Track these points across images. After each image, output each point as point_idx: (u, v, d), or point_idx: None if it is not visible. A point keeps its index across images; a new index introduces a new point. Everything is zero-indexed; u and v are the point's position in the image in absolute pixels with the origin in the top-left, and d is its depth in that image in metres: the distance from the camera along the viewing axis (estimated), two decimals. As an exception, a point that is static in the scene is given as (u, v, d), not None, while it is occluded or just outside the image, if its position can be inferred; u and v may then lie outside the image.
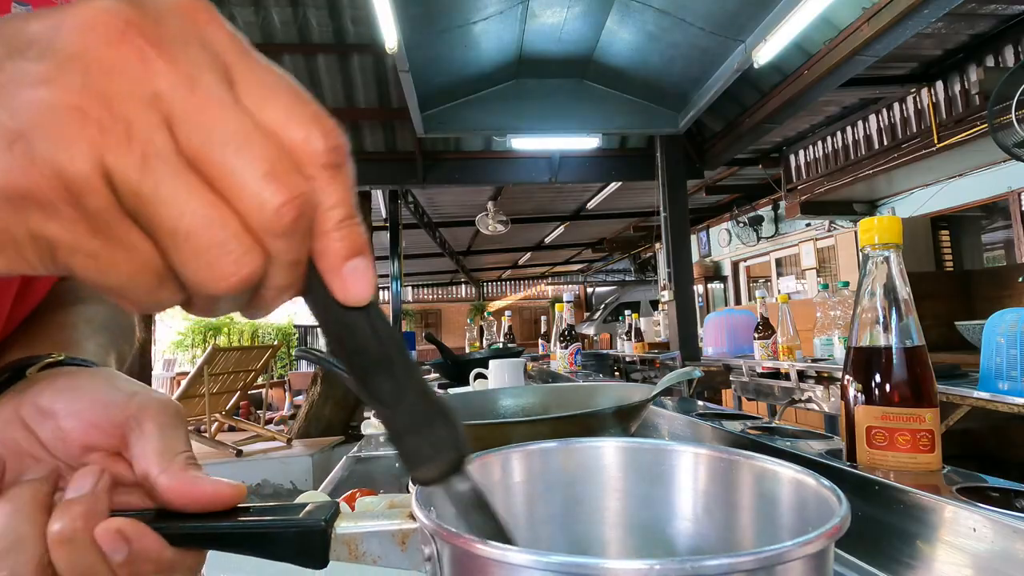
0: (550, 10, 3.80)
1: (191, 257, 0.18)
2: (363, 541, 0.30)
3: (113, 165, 0.17)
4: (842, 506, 0.27)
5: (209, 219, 0.17)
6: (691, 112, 4.53)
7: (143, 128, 0.17)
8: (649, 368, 4.32)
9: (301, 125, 0.19)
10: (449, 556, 0.26)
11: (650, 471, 0.38)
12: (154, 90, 0.17)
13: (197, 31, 0.18)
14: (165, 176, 0.17)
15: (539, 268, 15.03)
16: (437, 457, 0.24)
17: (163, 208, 0.17)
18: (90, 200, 0.17)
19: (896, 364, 0.55)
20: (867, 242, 0.58)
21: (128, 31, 0.17)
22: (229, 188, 0.18)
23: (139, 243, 0.18)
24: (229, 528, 0.28)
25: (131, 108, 0.17)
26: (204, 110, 0.17)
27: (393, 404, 0.23)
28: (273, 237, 0.18)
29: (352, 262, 0.20)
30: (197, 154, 0.17)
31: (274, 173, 0.18)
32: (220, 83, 0.18)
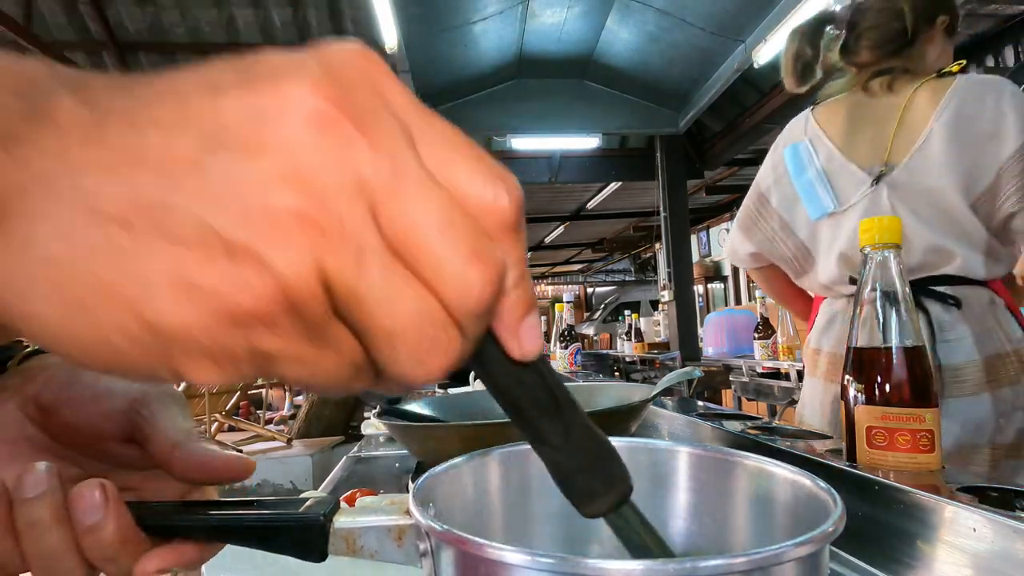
0: (550, 10, 3.81)
1: (400, 355, 0.17)
2: (361, 536, 0.31)
3: (332, 269, 0.15)
4: (837, 508, 0.27)
5: (420, 315, 0.16)
6: (691, 112, 4.53)
7: (355, 223, 0.16)
8: (649, 368, 4.32)
9: (487, 185, 0.18)
10: (444, 553, 0.26)
11: (647, 471, 0.38)
12: (360, 177, 0.16)
13: (380, 93, 0.17)
14: (379, 274, 0.16)
15: (539, 268, 15.04)
16: (608, 493, 0.24)
17: (376, 308, 0.16)
18: (309, 309, 0.16)
19: (896, 364, 0.55)
20: (867, 242, 0.58)
21: (335, 114, 0.16)
22: (435, 275, 0.16)
23: (346, 342, 0.17)
24: (230, 520, 0.29)
25: (343, 201, 0.15)
26: (405, 192, 0.16)
27: (562, 447, 0.23)
28: (473, 319, 0.17)
29: (528, 319, 0.19)
30: (402, 242, 0.16)
31: (476, 253, 0.17)
32: (413, 156, 0.17)
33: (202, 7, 3.79)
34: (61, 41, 3.98)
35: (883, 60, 1.12)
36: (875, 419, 0.55)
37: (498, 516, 0.37)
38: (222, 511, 0.29)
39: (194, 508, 0.30)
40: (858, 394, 0.57)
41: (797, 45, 1.19)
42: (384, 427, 0.83)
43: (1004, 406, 0.99)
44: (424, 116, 0.18)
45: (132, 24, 3.87)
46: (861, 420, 0.56)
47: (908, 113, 1.08)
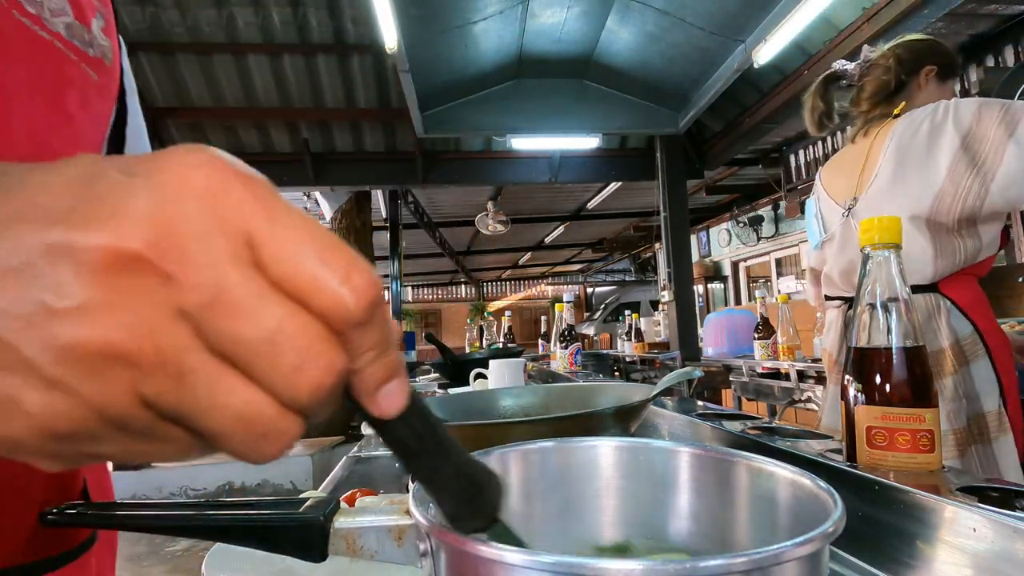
0: (550, 10, 3.80)
1: (236, 447, 0.19)
2: (361, 536, 0.31)
3: (150, 392, 0.17)
4: (837, 508, 0.27)
5: (250, 417, 0.18)
6: (691, 112, 4.53)
7: (173, 349, 0.17)
8: (649, 368, 4.32)
9: (334, 286, 0.19)
10: (444, 553, 0.26)
11: (648, 471, 0.38)
12: (178, 307, 0.17)
13: (215, 207, 0.18)
14: (203, 388, 0.17)
15: (539, 268, 15.04)
16: (475, 520, 0.27)
17: (203, 417, 0.18)
18: (133, 424, 0.18)
19: (896, 364, 0.55)
20: (867, 242, 0.58)
21: (147, 255, 0.17)
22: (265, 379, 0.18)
23: (182, 436, 0.19)
24: (231, 520, 0.29)
25: (159, 333, 0.17)
26: (230, 311, 0.17)
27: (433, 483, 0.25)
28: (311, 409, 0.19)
29: (387, 387, 0.21)
30: (230, 353, 0.18)
31: (306, 364, 0.18)
32: (243, 272, 0.18)
33: (202, 7, 3.79)
34: (61, 41, 3.96)
35: (876, 108, 1.37)
36: (875, 419, 0.55)
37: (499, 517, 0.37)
38: (222, 511, 0.29)
39: (195, 508, 0.30)
40: (858, 394, 0.57)
41: (812, 101, 1.46)
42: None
43: (948, 392, 1.16)
44: (270, 217, 0.18)
45: (132, 24, 3.87)
46: (861, 420, 0.56)
47: (871, 152, 1.34)
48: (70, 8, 0.40)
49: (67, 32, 0.40)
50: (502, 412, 0.84)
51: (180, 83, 4.40)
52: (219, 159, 0.19)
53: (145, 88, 4.46)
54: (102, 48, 0.43)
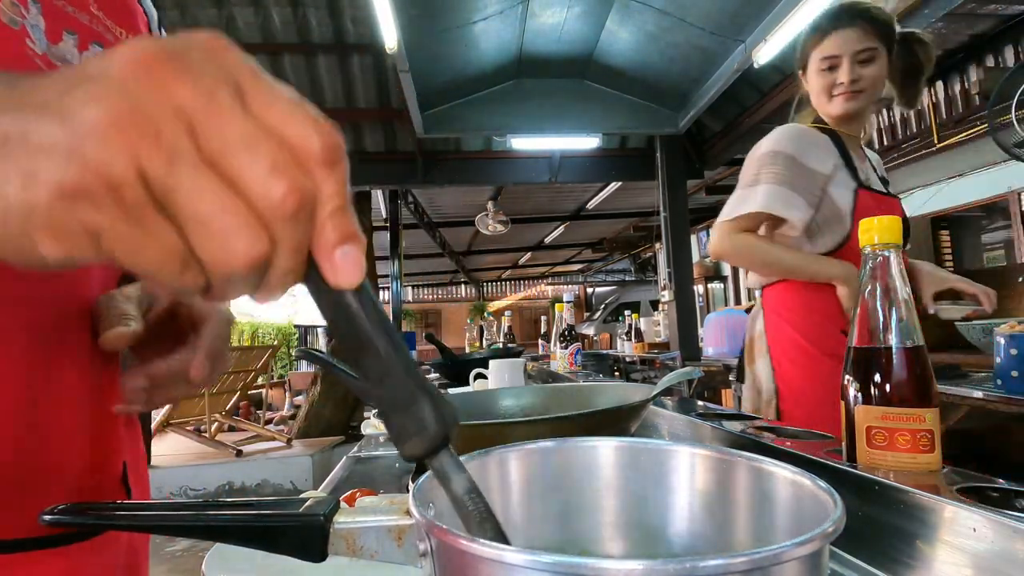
0: (550, 10, 3.80)
1: (208, 239, 0.21)
2: (361, 536, 0.31)
3: (146, 166, 0.20)
4: (837, 508, 0.27)
5: (224, 207, 0.21)
6: (691, 112, 4.53)
7: (170, 134, 0.20)
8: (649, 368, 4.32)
9: (301, 127, 0.22)
10: (444, 553, 0.26)
11: (647, 471, 0.38)
12: (177, 104, 0.21)
13: (215, 59, 0.22)
14: (187, 173, 0.20)
15: (539, 268, 15.04)
16: (421, 433, 0.25)
17: (186, 199, 0.21)
18: (127, 194, 0.20)
19: (896, 364, 0.55)
20: (867, 242, 0.58)
21: (159, 62, 0.21)
22: (241, 182, 0.21)
23: (166, 230, 0.21)
24: (231, 520, 0.29)
25: (160, 120, 0.20)
26: (219, 118, 0.21)
27: (378, 383, 0.24)
28: (278, 223, 0.21)
29: (342, 248, 0.23)
30: (214, 155, 0.21)
31: (277, 168, 0.21)
32: (233, 97, 0.21)
33: (202, 7, 3.79)
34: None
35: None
36: (875, 419, 0.55)
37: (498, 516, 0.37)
38: (222, 511, 0.29)
39: (195, 508, 0.30)
40: (858, 394, 0.57)
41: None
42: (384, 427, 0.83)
43: (748, 380, 1.39)
44: (256, 77, 0.23)
45: (132, 24, 3.87)
46: (861, 420, 0.56)
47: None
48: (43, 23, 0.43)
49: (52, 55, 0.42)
50: (502, 412, 0.84)
51: (180, 83, 4.40)
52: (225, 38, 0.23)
53: (145, 88, 4.45)
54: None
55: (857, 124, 1.33)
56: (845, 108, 1.27)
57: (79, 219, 0.21)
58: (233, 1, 3.77)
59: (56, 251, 0.21)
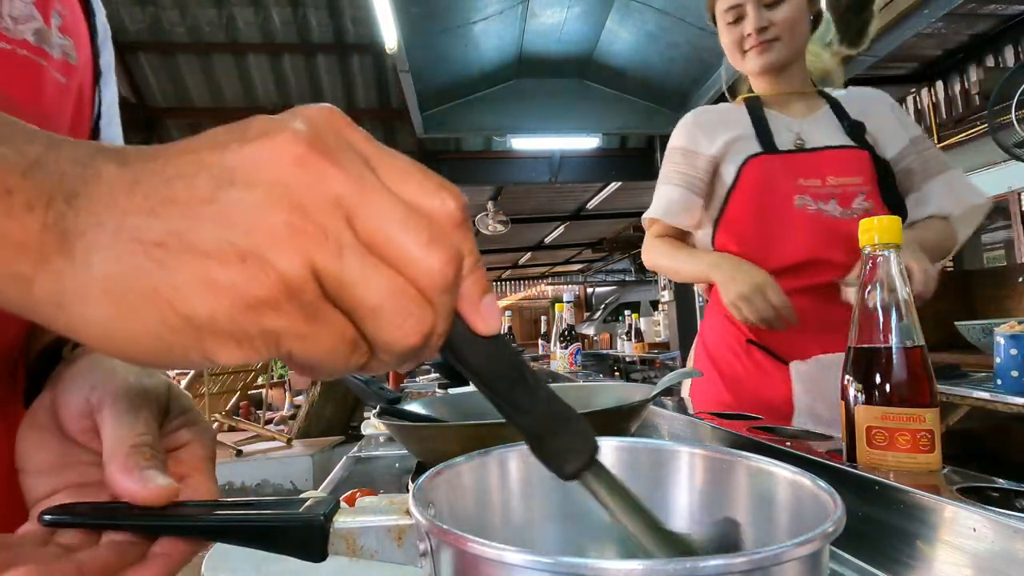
0: (550, 10, 3.80)
1: (382, 324, 0.21)
2: (361, 536, 0.31)
3: (319, 264, 0.20)
4: (837, 508, 0.27)
5: (393, 291, 0.21)
6: (691, 112, 4.53)
7: (334, 228, 0.21)
8: (649, 368, 4.33)
9: (435, 195, 0.23)
10: (444, 553, 0.26)
11: (647, 471, 0.38)
12: (335, 194, 0.21)
13: (344, 137, 0.23)
14: (356, 264, 0.21)
15: (539, 268, 15.04)
16: (577, 453, 0.26)
17: (358, 290, 0.21)
18: (305, 295, 0.21)
19: (896, 364, 0.55)
20: (867, 242, 0.58)
21: (309, 153, 0.21)
22: (402, 261, 0.21)
23: (338, 321, 0.21)
24: (230, 520, 0.29)
25: (323, 214, 0.21)
26: (372, 202, 0.21)
27: (533, 412, 0.26)
28: (439, 293, 0.22)
29: (486, 299, 0.24)
30: (373, 239, 0.21)
31: (433, 240, 0.22)
32: (375, 177, 0.22)
33: (202, 7, 3.79)
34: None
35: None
36: (875, 419, 0.55)
37: (498, 516, 0.37)
38: (222, 511, 0.29)
39: (194, 508, 0.30)
40: (858, 394, 0.57)
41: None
42: (384, 427, 0.83)
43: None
44: (380, 150, 0.23)
45: (132, 24, 3.87)
46: (861, 420, 0.56)
47: None
48: (38, 12, 0.40)
49: (36, 38, 0.39)
50: (502, 412, 0.84)
51: (180, 83, 4.40)
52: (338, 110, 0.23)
53: (145, 88, 4.46)
54: (63, 47, 0.42)
55: (788, 78, 1.16)
56: (761, 63, 1.12)
57: (260, 326, 0.21)
58: (233, 1, 3.76)
59: (236, 357, 0.21)
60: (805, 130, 1.15)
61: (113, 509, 0.30)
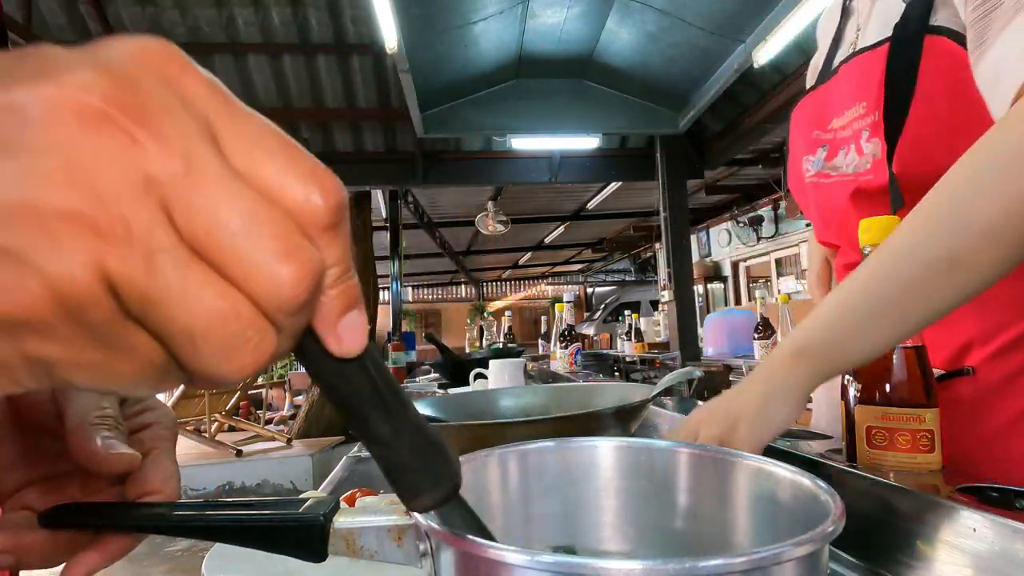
0: (550, 10, 3.80)
1: (206, 354, 0.16)
2: (361, 536, 0.31)
3: (116, 271, 0.15)
4: (836, 508, 0.27)
5: (225, 313, 0.16)
6: (691, 112, 4.53)
7: (142, 222, 0.15)
8: (649, 368, 4.32)
9: (300, 184, 0.17)
10: (444, 553, 0.26)
11: (648, 471, 0.38)
12: (146, 175, 0.15)
13: (175, 88, 0.16)
14: (174, 273, 0.15)
15: (539, 268, 15.04)
16: (434, 490, 0.24)
17: (175, 308, 0.15)
18: (91, 313, 0.15)
19: (896, 364, 0.55)
20: (867, 242, 0.58)
21: (108, 110, 0.15)
22: (241, 273, 0.16)
23: (144, 345, 0.16)
24: (230, 520, 0.29)
25: (126, 201, 0.15)
26: (203, 189, 0.15)
27: (390, 443, 0.23)
28: (289, 315, 0.17)
29: (346, 318, 0.19)
30: (202, 241, 0.15)
31: (286, 249, 0.16)
32: (212, 151, 0.16)
33: (202, 7, 3.79)
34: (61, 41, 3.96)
35: None
36: (875, 419, 0.55)
37: (498, 516, 0.37)
38: (222, 511, 0.29)
39: (194, 508, 0.30)
40: (858, 394, 0.57)
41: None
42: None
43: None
44: (230, 111, 0.17)
45: (132, 24, 3.87)
46: (861, 420, 0.56)
47: None
48: None
49: None
50: (502, 412, 0.84)
51: (180, 83, 4.40)
52: (173, 45, 0.17)
53: (145, 88, 4.45)
54: None
55: None
56: None
57: (21, 353, 0.15)
58: (233, 1, 3.76)
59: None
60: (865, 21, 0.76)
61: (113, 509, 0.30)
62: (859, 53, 0.72)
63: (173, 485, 0.32)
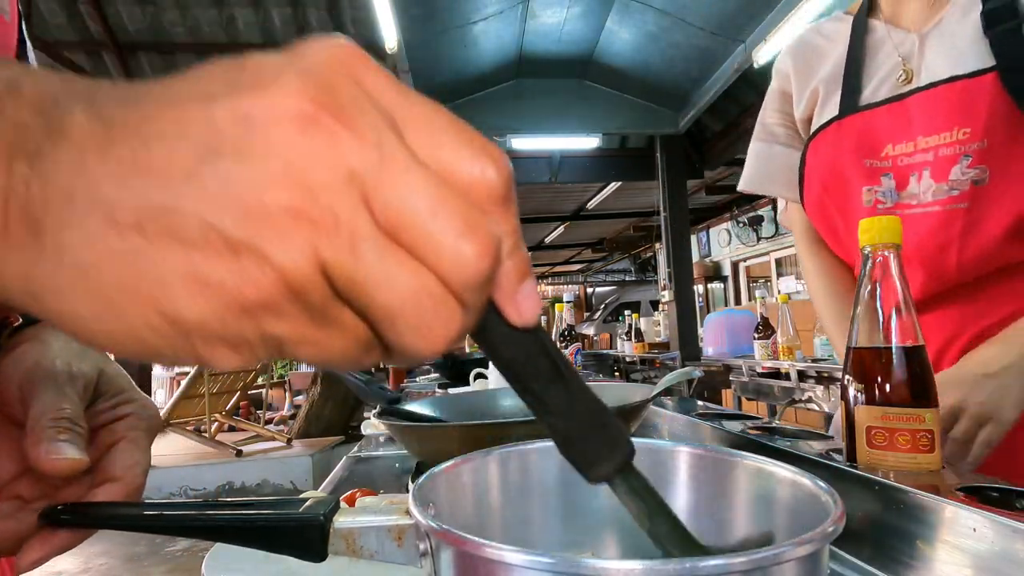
0: (550, 10, 3.80)
1: (403, 330, 0.18)
2: (361, 536, 0.31)
3: (329, 258, 0.17)
4: (837, 508, 0.27)
5: (418, 291, 0.17)
6: (691, 112, 4.53)
7: (348, 213, 0.17)
8: (649, 368, 4.32)
9: (474, 160, 0.19)
10: (444, 553, 0.26)
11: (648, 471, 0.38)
12: (349, 169, 0.17)
13: (361, 86, 0.18)
14: (374, 257, 0.17)
15: (539, 268, 15.05)
16: (612, 456, 0.25)
17: (376, 290, 0.17)
18: (311, 295, 0.17)
19: (896, 364, 0.55)
20: (867, 242, 0.58)
21: (317, 113, 0.17)
22: (430, 253, 0.17)
23: (352, 323, 0.18)
24: (231, 520, 0.29)
25: (334, 194, 0.16)
26: (394, 178, 0.17)
27: (567, 413, 0.23)
28: (473, 291, 0.18)
29: (524, 286, 0.20)
30: (395, 225, 0.17)
31: (469, 227, 0.17)
32: (399, 142, 0.17)
33: (202, 7, 3.79)
34: (61, 41, 3.97)
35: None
36: (875, 419, 0.55)
37: (498, 516, 0.37)
38: (222, 511, 0.29)
39: (195, 508, 0.30)
40: (858, 394, 0.57)
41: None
42: (384, 427, 0.83)
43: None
44: (407, 101, 0.19)
45: (132, 24, 3.87)
46: (861, 420, 0.56)
47: None
48: None
49: None
50: (502, 412, 0.84)
51: (180, 83, 4.40)
52: (355, 45, 0.19)
53: (145, 88, 4.45)
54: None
55: None
56: None
57: (259, 331, 0.17)
58: (233, 1, 3.76)
59: (233, 362, 0.18)
60: (918, 50, 0.75)
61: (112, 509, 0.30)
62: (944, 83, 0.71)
63: (136, 473, 0.33)
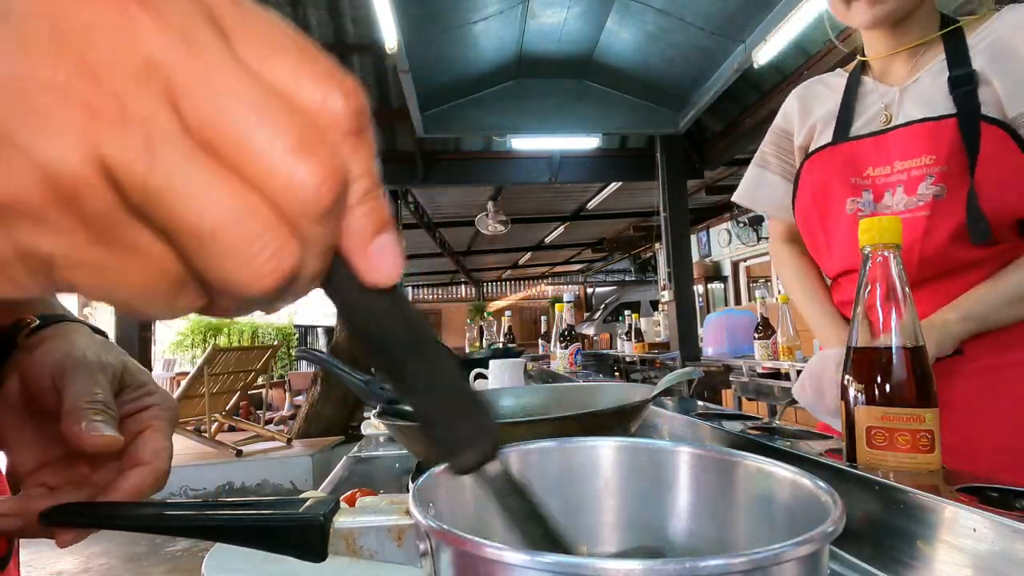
0: (550, 10, 3.80)
1: (220, 258, 0.15)
2: (360, 536, 0.31)
3: (112, 156, 0.13)
4: (836, 508, 0.27)
5: (237, 210, 0.14)
6: (691, 112, 4.53)
7: (141, 104, 0.13)
8: (649, 368, 4.32)
9: (317, 84, 0.15)
10: (444, 553, 0.26)
11: (647, 471, 0.38)
12: (146, 55, 0.13)
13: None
14: (176, 163, 0.14)
15: (539, 268, 15.04)
16: (474, 444, 0.23)
17: (179, 202, 0.14)
18: (88, 202, 0.14)
19: (896, 364, 0.55)
20: (867, 242, 0.58)
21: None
22: (255, 169, 0.14)
23: (152, 247, 0.15)
24: (231, 520, 0.29)
25: (120, 79, 0.13)
26: (209, 74, 0.14)
27: (427, 391, 0.21)
28: (311, 222, 0.15)
29: (379, 239, 0.17)
30: (210, 131, 0.14)
31: (306, 145, 0.15)
32: (216, 37, 0.14)
33: (202, 7, 3.79)
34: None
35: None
36: (875, 419, 0.55)
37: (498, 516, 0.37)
38: (222, 511, 0.29)
39: (195, 508, 0.30)
40: (858, 394, 0.57)
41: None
42: (384, 427, 0.83)
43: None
44: (241, 9, 0.15)
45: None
46: (861, 420, 0.56)
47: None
48: None
49: None
50: (502, 412, 0.84)
51: (180, 83, 4.40)
52: None
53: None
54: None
55: (906, 30, 0.92)
56: (869, 16, 0.90)
57: (13, 245, 0.14)
58: (233, 1, 3.77)
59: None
60: (898, 100, 0.93)
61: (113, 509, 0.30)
62: (918, 122, 0.90)
63: (162, 459, 0.34)
